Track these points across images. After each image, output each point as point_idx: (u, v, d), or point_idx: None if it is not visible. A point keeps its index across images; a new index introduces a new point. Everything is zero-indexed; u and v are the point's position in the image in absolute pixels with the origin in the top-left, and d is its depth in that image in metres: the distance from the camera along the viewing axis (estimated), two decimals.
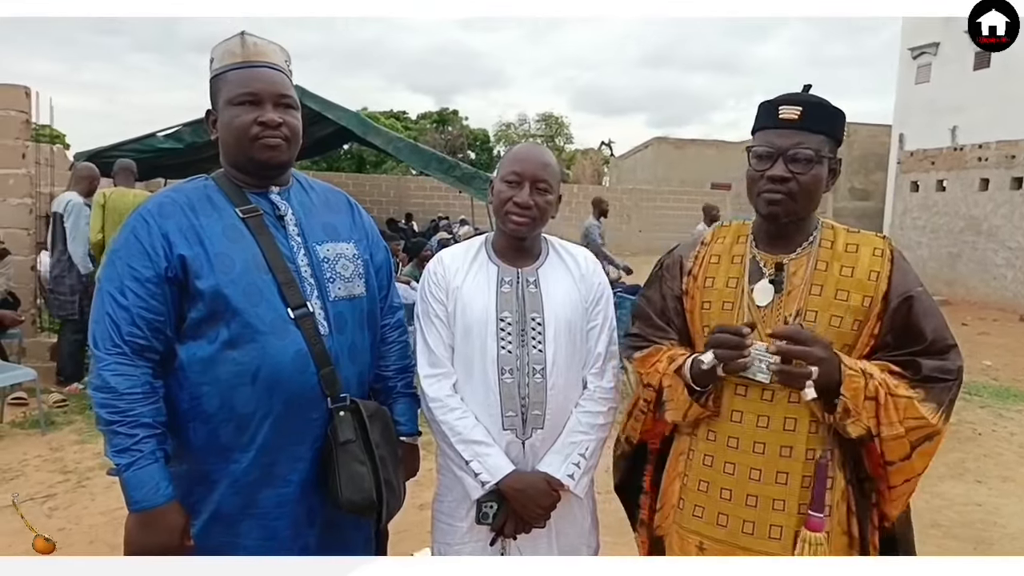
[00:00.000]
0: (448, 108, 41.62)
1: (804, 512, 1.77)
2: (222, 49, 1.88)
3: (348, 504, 1.85)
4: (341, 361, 1.90)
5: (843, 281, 1.79)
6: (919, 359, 1.73)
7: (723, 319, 1.86)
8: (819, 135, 1.76)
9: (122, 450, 1.68)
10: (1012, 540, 4.25)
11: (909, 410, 1.68)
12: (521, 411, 2.03)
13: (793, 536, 1.78)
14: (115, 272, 1.77)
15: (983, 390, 7.97)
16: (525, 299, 2.07)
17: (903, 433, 1.69)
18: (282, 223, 1.90)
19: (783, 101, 1.79)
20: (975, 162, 15.81)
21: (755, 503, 1.81)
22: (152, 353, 1.76)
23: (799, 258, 1.84)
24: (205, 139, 8.73)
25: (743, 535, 1.82)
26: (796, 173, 1.75)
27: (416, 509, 3.35)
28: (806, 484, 1.77)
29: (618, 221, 23.49)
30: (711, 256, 1.96)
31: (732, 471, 1.84)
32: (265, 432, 1.81)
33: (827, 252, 1.83)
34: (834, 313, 1.77)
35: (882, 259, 1.80)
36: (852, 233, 1.88)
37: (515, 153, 2.11)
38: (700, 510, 1.89)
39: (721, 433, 1.86)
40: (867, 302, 1.76)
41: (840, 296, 1.77)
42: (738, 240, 1.95)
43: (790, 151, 1.74)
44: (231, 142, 1.86)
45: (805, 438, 1.77)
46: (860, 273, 1.79)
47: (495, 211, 2.07)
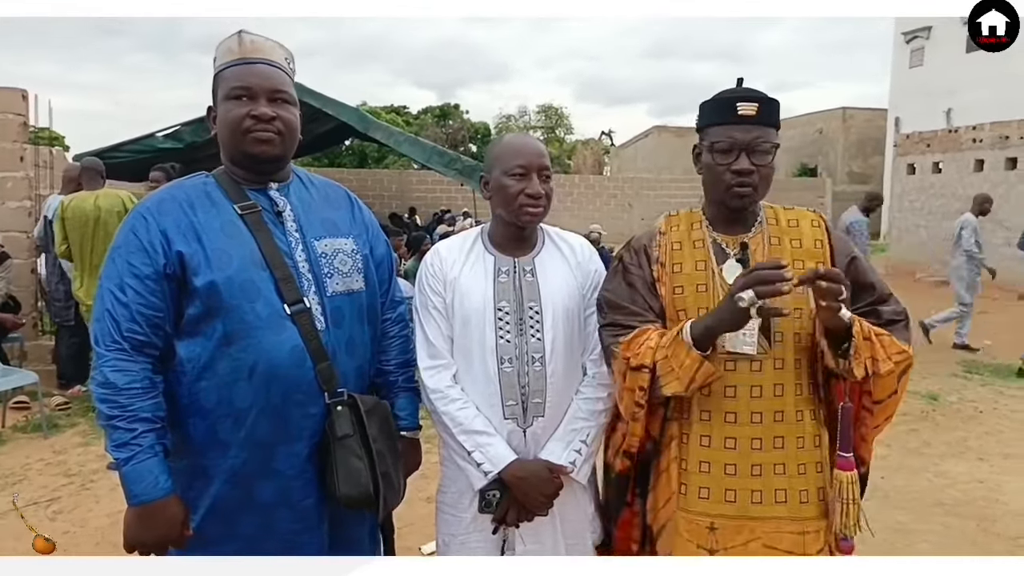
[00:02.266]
0: (450, 102, 41.48)
1: (803, 471, 1.88)
2: (223, 47, 1.90)
3: (345, 499, 1.87)
4: (338, 356, 1.91)
5: (796, 252, 1.94)
6: (877, 307, 1.92)
7: (699, 301, 1.92)
8: (772, 127, 1.90)
9: (121, 444, 1.70)
10: (1015, 517, 4.27)
11: (892, 346, 1.81)
12: (521, 400, 2.04)
13: (797, 495, 1.87)
14: (115, 269, 1.78)
15: (984, 368, 8.00)
16: (522, 288, 2.08)
17: (893, 368, 1.81)
18: (280, 219, 1.91)
19: (740, 98, 1.88)
20: (970, 143, 15.82)
21: (760, 471, 1.87)
22: (152, 349, 1.77)
23: (755, 236, 1.97)
24: (205, 138, 8.75)
25: (752, 505, 1.87)
26: (759, 165, 1.87)
27: (423, 502, 3.37)
28: (800, 445, 1.89)
29: (619, 210, 23.50)
30: (672, 244, 2.02)
31: (734, 445, 1.88)
32: (263, 427, 1.82)
33: (775, 228, 1.99)
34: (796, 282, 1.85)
35: (820, 229, 1.99)
36: (788, 210, 2.04)
37: (512, 146, 2.11)
38: (705, 491, 1.91)
39: (716, 411, 1.89)
40: (820, 267, 1.83)
41: (797, 265, 1.88)
42: (693, 227, 2.03)
43: (752, 145, 1.86)
44: (226, 136, 1.88)
45: (793, 400, 1.88)
46: (807, 243, 1.96)
47: (504, 205, 2.06)
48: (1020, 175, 14.53)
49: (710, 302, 1.89)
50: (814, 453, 1.90)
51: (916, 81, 25.65)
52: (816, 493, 1.88)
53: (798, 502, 1.87)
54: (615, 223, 21.31)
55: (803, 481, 1.88)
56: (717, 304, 1.83)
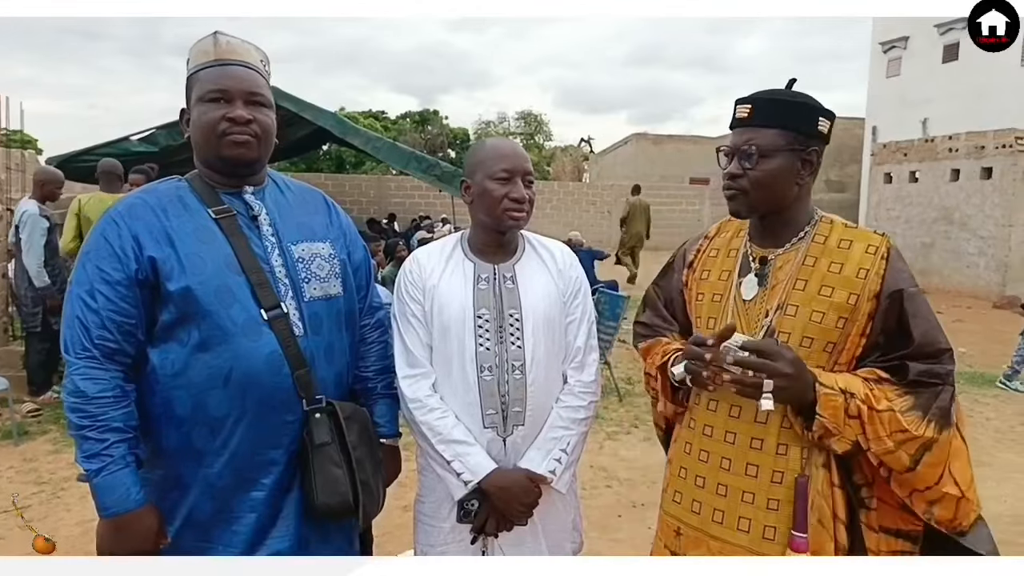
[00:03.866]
0: (429, 108, 41.47)
1: (775, 507, 1.75)
2: (197, 49, 1.86)
3: (324, 507, 1.83)
4: (317, 362, 1.88)
5: (829, 277, 1.76)
6: (908, 362, 1.69)
7: (712, 311, 1.89)
8: (772, 129, 1.76)
9: (92, 455, 1.66)
10: (992, 523, 4.27)
11: (892, 423, 1.64)
12: (501, 408, 2.02)
13: (762, 529, 1.76)
14: (85, 275, 1.74)
15: (959, 377, 8.00)
16: (503, 295, 2.06)
17: (893, 448, 1.65)
18: (256, 223, 1.88)
19: (741, 100, 1.83)
20: (946, 153, 16.04)
21: (725, 492, 1.81)
22: (123, 356, 1.74)
23: (787, 253, 1.83)
24: (180, 142, 8.66)
25: (713, 523, 1.83)
26: (747, 169, 1.77)
27: (400, 511, 3.33)
28: (776, 479, 1.75)
29: (598, 217, 23.58)
30: (711, 249, 1.99)
31: (706, 459, 1.86)
32: (239, 435, 1.79)
33: (818, 248, 1.80)
34: (815, 308, 1.74)
35: (875, 256, 1.75)
36: (849, 228, 1.83)
37: (497, 150, 2.08)
38: (679, 496, 1.92)
39: (699, 421, 1.89)
40: (852, 299, 1.72)
41: (824, 292, 1.74)
42: (738, 234, 1.96)
43: (739, 148, 1.79)
44: (200, 139, 1.84)
45: (777, 432, 1.75)
46: (848, 270, 1.75)
47: (487, 209, 2.04)
48: (995, 185, 14.75)
49: (720, 313, 1.86)
50: (793, 492, 1.73)
51: (893, 91, 25.95)
52: (787, 534, 1.73)
53: (760, 536, 1.76)
54: (594, 230, 21.38)
55: (773, 517, 1.75)
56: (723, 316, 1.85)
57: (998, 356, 8.76)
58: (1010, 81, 20.77)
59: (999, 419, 6.52)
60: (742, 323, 1.81)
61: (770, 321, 1.77)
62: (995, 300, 13.92)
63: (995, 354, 8.62)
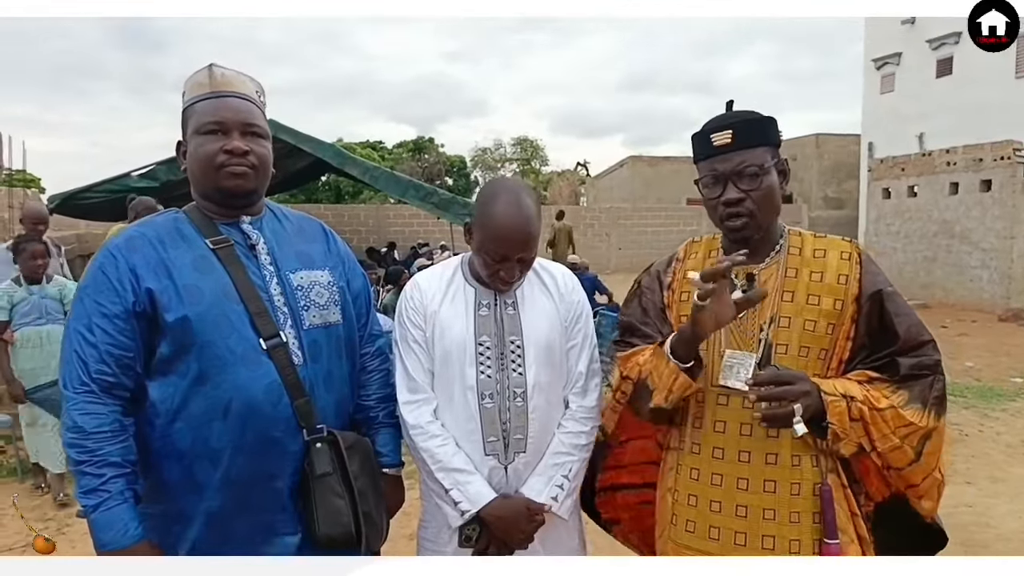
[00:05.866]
0: (424, 136, 41.62)
1: (796, 520, 1.77)
2: (192, 81, 1.86)
3: (326, 539, 1.80)
4: (317, 391, 1.86)
5: (813, 286, 1.81)
6: (897, 359, 1.76)
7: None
8: (757, 148, 1.79)
9: (90, 491, 1.64)
10: (1005, 541, 4.24)
11: (896, 419, 1.70)
12: (503, 436, 2.00)
13: (787, 544, 1.77)
14: (83, 309, 1.73)
15: (967, 391, 8.02)
16: (504, 322, 2.04)
17: (899, 443, 1.71)
18: (254, 252, 1.87)
19: (712, 128, 1.82)
20: (944, 166, 16.08)
21: (745, 513, 1.80)
22: (121, 390, 1.72)
23: (769, 267, 1.86)
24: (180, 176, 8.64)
25: (735, 547, 1.80)
26: (748, 190, 1.78)
27: (405, 540, 3.29)
28: (795, 492, 1.77)
29: (596, 240, 23.60)
30: (685, 271, 1.96)
31: (720, 482, 1.83)
32: (239, 466, 1.76)
33: (795, 259, 1.86)
34: (807, 318, 1.79)
35: (850, 262, 1.82)
36: (819, 238, 1.90)
37: (498, 227, 1.94)
38: (692, 524, 1.88)
39: (705, 445, 1.86)
40: (838, 305, 1.79)
41: (812, 301, 1.80)
42: (709, 255, 1.98)
43: (735, 172, 1.78)
44: (198, 171, 1.83)
45: (789, 444, 1.77)
46: (829, 277, 1.81)
47: (481, 268, 2.01)
48: (995, 197, 14.76)
49: (712, 335, 1.83)
50: (812, 502, 1.77)
51: (887, 106, 26.08)
52: (812, 545, 1.77)
53: (787, 551, 1.77)
54: (593, 253, 21.39)
55: (795, 530, 1.77)
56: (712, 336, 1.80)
57: (1005, 369, 8.73)
58: (1006, 93, 20.87)
59: (1009, 434, 6.46)
60: (735, 340, 1.82)
61: (766, 335, 1.78)
62: (1000, 313, 13.88)
63: (1002, 367, 8.58)
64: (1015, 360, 9.53)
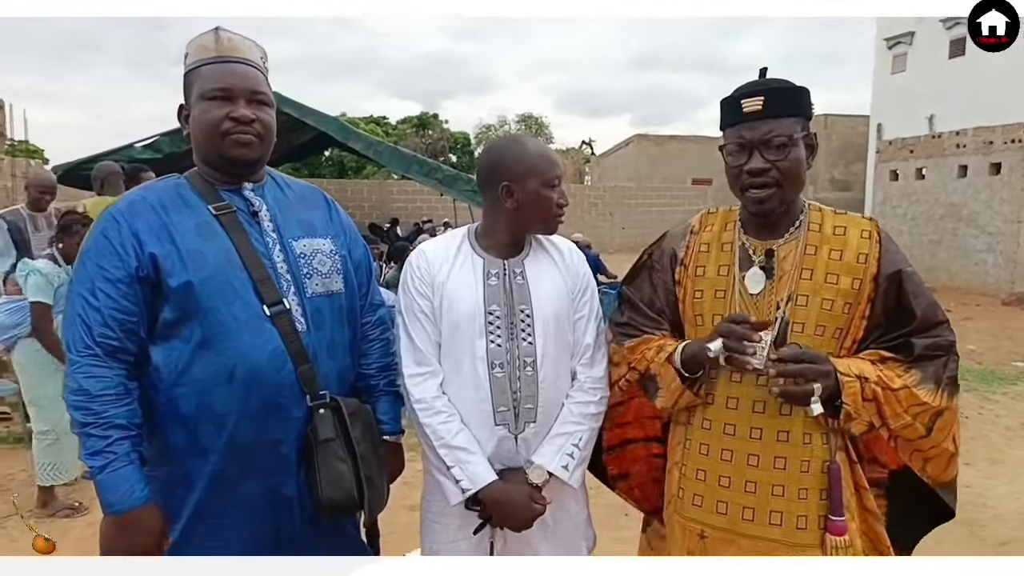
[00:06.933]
0: (428, 112, 41.36)
1: (804, 496, 1.79)
2: (196, 44, 1.84)
3: (329, 502, 1.82)
4: (320, 358, 1.86)
5: (832, 264, 1.80)
6: (911, 339, 1.75)
7: (715, 307, 1.87)
8: (788, 118, 1.76)
9: (96, 452, 1.65)
10: (1002, 521, 4.27)
11: (909, 399, 1.72)
12: (513, 405, 1.99)
13: (795, 520, 1.79)
14: (86, 273, 1.73)
15: (968, 374, 8.01)
16: (513, 291, 2.03)
17: (911, 421, 1.73)
18: (256, 219, 1.86)
19: (744, 94, 1.79)
20: (953, 149, 15.94)
21: (754, 489, 1.81)
22: (125, 355, 1.72)
23: (788, 243, 1.84)
24: (184, 148, 8.63)
25: (743, 522, 1.82)
26: (775, 161, 1.75)
27: (406, 510, 3.32)
28: (804, 469, 1.79)
29: (600, 219, 23.56)
30: (700, 245, 1.96)
31: (730, 458, 1.84)
32: (244, 431, 1.77)
33: (815, 236, 1.83)
34: (825, 296, 1.78)
35: (870, 241, 1.81)
36: (839, 215, 1.87)
37: (547, 157, 2.04)
38: (699, 499, 1.89)
39: (717, 421, 1.86)
40: (856, 284, 1.77)
41: (830, 279, 1.78)
42: (726, 227, 1.95)
43: (763, 141, 1.74)
44: (202, 138, 1.82)
45: (801, 422, 1.78)
46: (849, 256, 1.79)
47: (540, 215, 2.03)
48: (1004, 180, 14.64)
49: (726, 309, 1.85)
50: (820, 479, 1.79)
51: (898, 87, 25.82)
52: (817, 521, 1.79)
53: (794, 527, 1.79)
54: (596, 232, 21.35)
55: (803, 506, 1.79)
56: (730, 311, 1.82)
57: (1007, 353, 8.73)
58: (1020, 75, 20.57)
59: (1009, 416, 6.47)
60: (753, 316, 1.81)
61: (783, 313, 1.75)
62: (1004, 297, 13.84)
63: (1004, 351, 8.58)
64: (1017, 344, 9.52)
